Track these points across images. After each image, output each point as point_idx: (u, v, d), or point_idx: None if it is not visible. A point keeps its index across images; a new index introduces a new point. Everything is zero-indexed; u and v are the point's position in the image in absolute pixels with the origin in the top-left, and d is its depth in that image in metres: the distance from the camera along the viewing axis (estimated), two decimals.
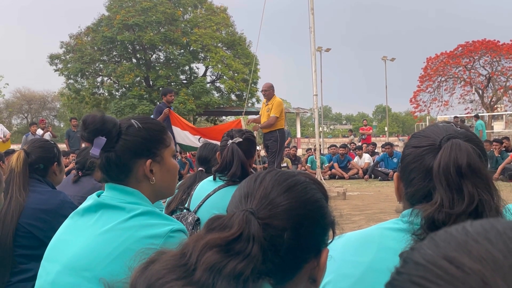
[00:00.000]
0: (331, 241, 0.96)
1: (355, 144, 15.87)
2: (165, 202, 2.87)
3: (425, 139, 1.14)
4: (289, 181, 0.90)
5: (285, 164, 12.87)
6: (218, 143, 3.12)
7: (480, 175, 1.03)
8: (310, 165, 13.45)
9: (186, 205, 2.57)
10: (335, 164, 13.43)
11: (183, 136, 8.18)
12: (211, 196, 2.42)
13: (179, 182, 2.98)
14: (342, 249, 1.14)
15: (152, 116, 5.79)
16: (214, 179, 2.48)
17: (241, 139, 2.47)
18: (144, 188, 1.48)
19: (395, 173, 1.26)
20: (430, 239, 0.46)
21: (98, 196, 1.45)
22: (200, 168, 3.17)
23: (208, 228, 0.79)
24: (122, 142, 1.43)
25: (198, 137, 8.19)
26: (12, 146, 17.34)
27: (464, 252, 0.41)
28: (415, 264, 0.44)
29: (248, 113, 12.36)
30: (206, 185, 2.52)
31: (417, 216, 1.05)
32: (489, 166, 1.23)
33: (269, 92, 7.91)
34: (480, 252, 0.41)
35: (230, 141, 2.46)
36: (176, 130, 8.19)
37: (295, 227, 0.85)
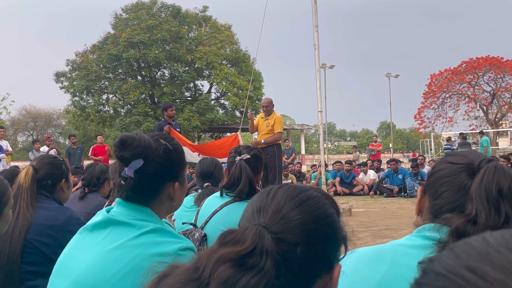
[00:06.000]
0: (343, 257, 0.95)
1: (360, 161, 15.81)
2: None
3: (462, 158, 1.21)
4: (301, 196, 0.90)
5: (290, 181, 12.84)
6: (216, 158, 3.22)
7: None
8: (314, 182, 13.41)
9: (192, 221, 2.57)
10: (336, 181, 13.39)
11: (185, 151, 8.22)
12: (218, 212, 2.42)
13: (196, 193, 3.00)
14: (354, 264, 1.14)
15: None
16: (221, 195, 2.48)
17: (249, 156, 2.48)
18: (163, 208, 1.49)
19: (419, 188, 1.31)
20: (449, 249, 0.45)
21: (108, 211, 1.44)
22: (206, 184, 3.16)
23: (221, 242, 0.79)
24: (156, 165, 1.42)
25: (197, 153, 8.27)
26: (18, 163, 17.44)
27: (487, 262, 0.41)
28: (436, 275, 0.43)
29: (245, 129, 12.50)
30: (213, 201, 2.51)
31: (446, 224, 1.09)
32: None
33: (270, 107, 8.17)
34: (503, 262, 0.41)
35: (238, 157, 2.47)
36: None
37: (308, 242, 0.84)
